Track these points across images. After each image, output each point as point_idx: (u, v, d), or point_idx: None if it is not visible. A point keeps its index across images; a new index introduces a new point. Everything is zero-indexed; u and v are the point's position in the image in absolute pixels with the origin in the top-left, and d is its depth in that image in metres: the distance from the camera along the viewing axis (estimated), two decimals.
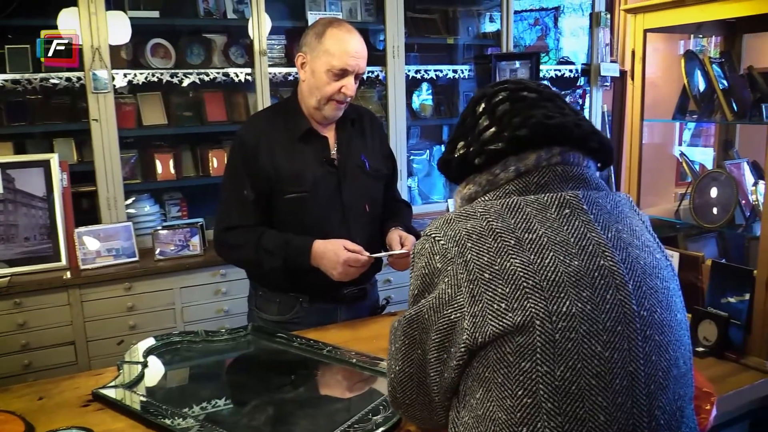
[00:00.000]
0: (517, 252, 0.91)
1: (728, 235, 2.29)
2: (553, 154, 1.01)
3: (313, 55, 1.83)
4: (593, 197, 0.99)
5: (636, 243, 0.97)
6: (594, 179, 1.03)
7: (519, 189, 0.99)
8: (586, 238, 0.93)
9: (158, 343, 1.72)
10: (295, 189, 1.85)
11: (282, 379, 1.59)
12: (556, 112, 1.04)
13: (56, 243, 2.76)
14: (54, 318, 2.64)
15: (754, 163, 2.26)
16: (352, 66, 1.81)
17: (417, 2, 3.77)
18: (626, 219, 1.00)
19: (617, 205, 1.02)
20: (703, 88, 2.24)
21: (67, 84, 2.85)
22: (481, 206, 0.98)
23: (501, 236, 0.93)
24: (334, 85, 1.81)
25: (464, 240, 0.94)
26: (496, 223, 0.94)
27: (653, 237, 1.04)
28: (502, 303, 0.89)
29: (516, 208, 0.95)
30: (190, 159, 3.34)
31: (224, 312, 2.91)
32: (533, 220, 0.94)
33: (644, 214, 1.10)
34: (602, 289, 0.90)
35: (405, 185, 3.59)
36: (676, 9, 2.01)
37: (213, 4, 3.20)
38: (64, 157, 2.88)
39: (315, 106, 1.86)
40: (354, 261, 1.77)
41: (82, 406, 1.41)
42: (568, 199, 0.97)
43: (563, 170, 1.00)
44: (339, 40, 1.80)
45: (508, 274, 0.90)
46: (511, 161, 1.01)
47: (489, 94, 1.09)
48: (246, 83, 3.21)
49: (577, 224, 0.94)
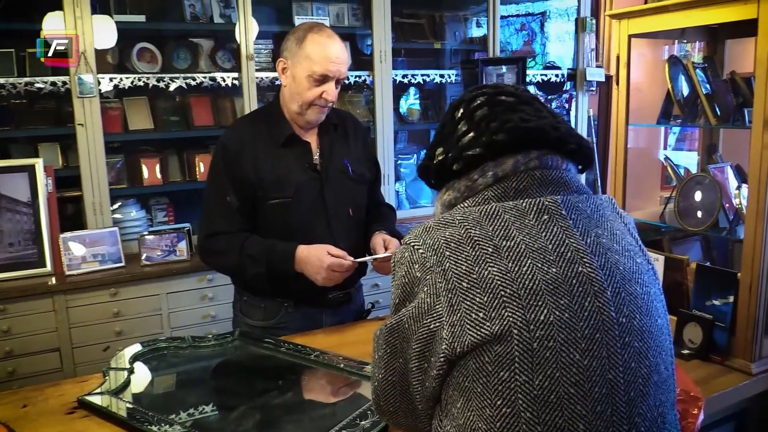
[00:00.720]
0: (494, 260, 0.91)
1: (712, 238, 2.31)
2: (530, 158, 1.00)
3: (294, 61, 1.84)
4: (572, 202, 0.99)
5: (616, 248, 0.97)
6: (574, 182, 1.03)
7: (497, 195, 0.99)
8: (565, 244, 0.93)
9: (145, 349, 1.71)
10: (278, 195, 1.85)
11: (269, 385, 1.58)
12: (534, 115, 1.03)
13: (41, 249, 2.73)
14: (39, 324, 2.61)
15: (738, 167, 2.28)
16: (333, 72, 1.81)
17: (404, 7, 3.79)
18: (607, 223, 1.00)
19: (598, 209, 1.01)
20: (686, 93, 2.26)
21: (53, 88, 2.83)
22: (460, 213, 0.97)
23: (479, 244, 0.92)
24: (315, 90, 1.82)
25: (443, 248, 0.93)
26: (474, 230, 0.94)
27: (635, 240, 1.04)
28: (480, 312, 0.88)
29: (494, 215, 0.95)
30: (176, 164, 3.32)
31: (211, 317, 2.90)
32: (511, 227, 0.94)
33: (628, 215, 1.10)
34: (580, 296, 0.89)
35: (393, 190, 3.60)
36: (660, 15, 2.03)
37: (200, 8, 3.19)
38: (49, 162, 2.86)
39: (297, 111, 1.87)
40: (338, 266, 1.78)
41: (67, 413, 1.40)
42: (547, 205, 0.96)
43: (542, 174, 1.00)
44: (320, 45, 1.81)
45: (486, 282, 0.89)
46: (489, 166, 1.00)
47: (467, 99, 1.09)
48: (233, 88, 3.20)
49: (556, 230, 0.94)
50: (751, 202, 1.73)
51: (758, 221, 1.70)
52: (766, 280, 1.71)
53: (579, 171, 1.09)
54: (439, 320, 0.92)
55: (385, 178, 3.50)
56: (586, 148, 1.07)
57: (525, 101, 1.06)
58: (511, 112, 1.03)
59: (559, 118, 1.08)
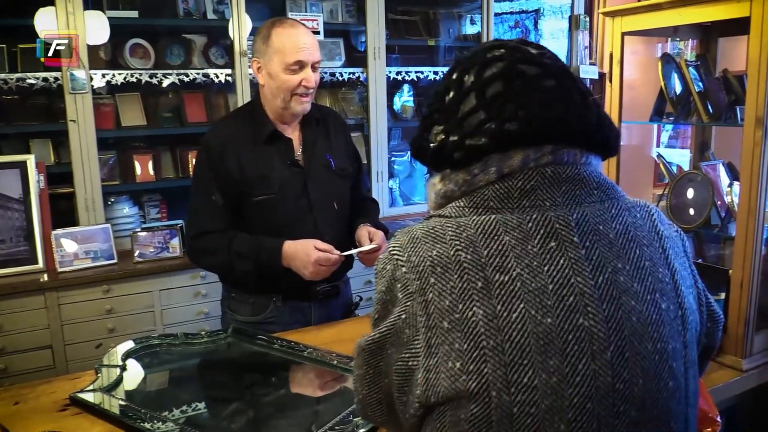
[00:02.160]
0: (482, 298, 0.77)
1: (704, 235, 2.32)
2: (543, 153, 0.84)
3: (265, 59, 1.86)
4: (591, 221, 0.82)
5: (636, 288, 0.80)
6: (593, 178, 0.86)
7: (499, 195, 0.83)
8: (569, 285, 0.78)
9: (137, 346, 1.70)
10: (262, 191, 1.87)
11: (262, 381, 1.58)
12: (558, 97, 0.85)
13: (33, 245, 2.72)
14: (31, 321, 2.60)
15: (730, 164, 2.29)
16: (305, 57, 1.83)
17: (398, 4, 3.78)
18: (634, 250, 0.83)
19: (626, 227, 0.84)
20: (679, 91, 2.27)
21: (44, 84, 2.81)
22: (453, 225, 0.82)
23: (468, 273, 0.78)
24: (293, 78, 1.83)
25: (427, 273, 0.80)
26: (465, 253, 0.79)
27: (672, 271, 0.85)
28: (457, 362, 0.77)
29: (492, 235, 0.80)
30: (169, 160, 3.31)
31: (204, 314, 2.89)
32: (509, 254, 0.79)
33: (672, 228, 0.91)
34: (574, 356, 0.76)
35: (386, 187, 3.60)
36: (653, 12, 2.03)
37: (193, 4, 3.18)
38: (41, 159, 2.84)
39: (281, 105, 1.88)
40: (325, 260, 1.79)
41: (59, 410, 1.40)
42: (557, 229, 0.80)
43: (554, 171, 0.84)
44: (286, 36, 1.83)
45: (469, 326, 0.77)
46: (493, 160, 0.84)
47: (480, 64, 0.88)
48: (226, 84, 3.19)
49: (562, 263, 0.79)
50: (742, 199, 1.74)
51: (750, 218, 1.71)
52: (757, 277, 1.72)
53: (604, 158, 0.93)
54: (416, 358, 0.81)
55: (378, 175, 3.50)
56: (614, 139, 0.91)
57: (551, 74, 0.87)
58: (530, 90, 0.85)
59: (590, 99, 0.89)
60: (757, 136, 1.68)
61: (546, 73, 0.87)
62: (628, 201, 0.89)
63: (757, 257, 1.72)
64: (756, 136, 1.69)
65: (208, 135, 1.95)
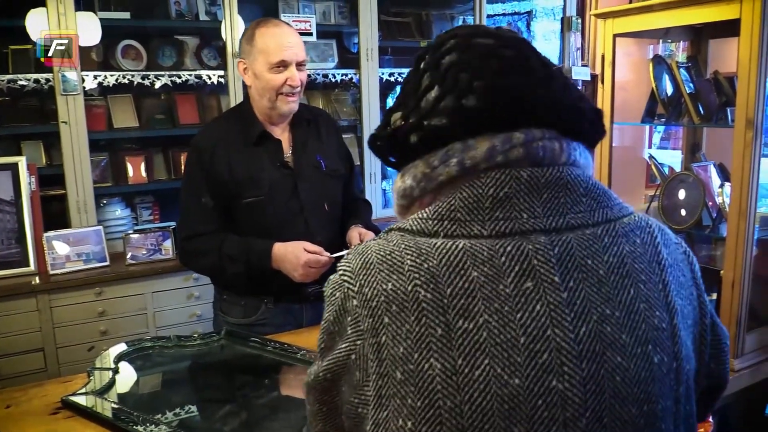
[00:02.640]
0: (441, 348, 0.66)
1: (696, 235, 2.33)
2: (513, 145, 0.71)
3: (250, 59, 1.87)
4: (578, 254, 0.69)
5: (623, 341, 0.68)
6: (580, 183, 0.73)
7: (468, 204, 0.70)
8: (544, 338, 0.66)
9: (130, 349, 1.70)
10: (251, 193, 1.87)
11: (255, 384, 1.58)
12: (518, 64, 0.75)
13: (24, 248, 2.71)
14: (22, 324, 2.59)
15: (721, 165, 2.31)
16: (288, 56, 1.84)
17: (391, 5, 3.79)
18: (628, 290, 0.70)
19: (623, 261, 0.71)
20: (670, 92, 2.28)
21: (36, 86, 2.80)
22: (413, 252, 0.70)
23: (427, 317, 0.67)
24: (278, 78, 1.84)
25: (381, 311, 0.69)
26: (425, 290, 0.67)
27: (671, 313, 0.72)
28: (408, 420, 0.66)
29: (458, 269, 0.68)
30: (161, 162, 3.30)
31: (197, 316, 2.88)
32: (477, 294, 0.67)
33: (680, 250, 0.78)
34: (543, 424, 0.65)
35: (379, 188, 3.60)
36: (644, 14, 2.04)
37: (185, 5, 3.17)
38: (33, 160, 2.82)
39: (268, 105, 1.88)
40: (314, 262, 1.79)
41: (51, 413, 1.39)
42: (535, 266, 0.67)
43: (531, 176, 0.71)
44: (269, 36, 1.84)
45: (425, 381, 0.66)
46: (455, 149, 0.72)
47: (434, 45, 0.81)
48: (219, 85, 3.18)
49: (539, 310, 0.66)
50: (733, 200, 1.76)
51: (740, 219, 1.72)
52: (748, 278, 1.73)
53: (590, 145, 0.79)
54: (365, 407, 0.71)
55: (371, 176, 3.50)
56: (591, 113, 0.78)
57: (508, 45, 0.77)
58: (486, 58, 0.75)
59: (555, 70, 0.78)
60: (748, 138, 1.70)
61: (502, 44, 0.77)
62: (625, 220, 0.74)
63: (748, 257, 1.73)
64: (746, 138, 1.70)
65: (197, 137, 1.95)
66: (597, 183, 0.75)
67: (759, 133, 1.71)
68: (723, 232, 1.95)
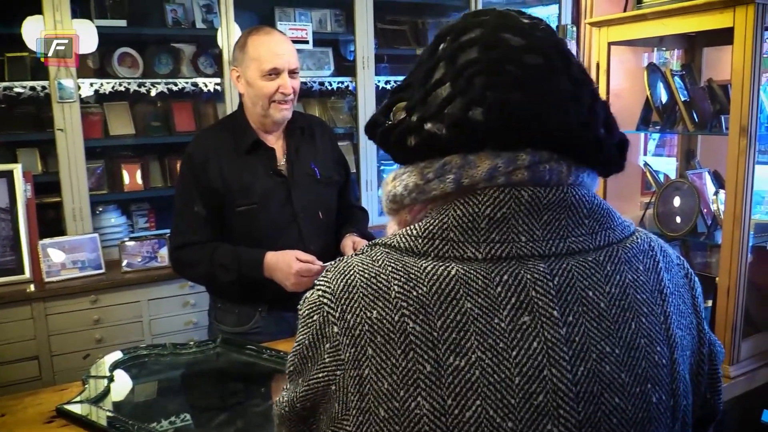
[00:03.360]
0: (430, 387, 0.61)
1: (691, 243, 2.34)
2: (517, 167, 0.65)
3: (243, 67, 1.88)
4: (578, 285, 0.64)
5: (622, 380, 0.63)
6: (584, 203, 0.67)
7: (462, 223, 0.64)
8: (540, 379, 0.61)
9: (125, 357, 1.69)
10: (244, 202, 1.87)
11: (251, 392, 1.57)
12: (541, 77, 0.66)
13: (20, 255, 2.70)
14: (17, 332, 2.57)
15: (715, 172, 2.32)
16: (280, 64, 1.84)
17: (387, 13, 3.80)
18: (629, 324, 0.65)
19: (625, 292, 0.66)
20: (665, 100, 2.29)
21: (32, 93, 2.80)
22: (401, 276, 0.64)
23: (415, 351, 0.61)
24: (270, 85, 1.84)
25: (365, 341, 0.63)
26: (414, 322, 0.62)
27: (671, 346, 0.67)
28: None
29: (450, 299, 0.62)
30: (158, 169, 3.30)
31: (193, 324, 2.88)
32: (470, 328, 0.62)
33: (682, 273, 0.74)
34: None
35: (375, 195, 3.60)
36: (639, 23, 2.05)
37: (181, 13, 3.18)
38: (28, 168, 2.82)
39: (261, 113, 1.89)
40: (306, 271, 1.79)
41: (45, 422, 1.38)
42: (533, 298, 0.63)
43: (533, 196, 0.65)
44: (261, 44, 1.85)
45: (411, 420, 0.61)
46: (452, 165, 0.66)
47: (458, 29, 0.70)
48: (215, 93, 3.19)
49: (536, 347, 0.62)
50: (728, 207, 1.76)
51: (735, 226, 1.73)
52: (743, 285, 1.74)
53: (603, 175, 0.73)
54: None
55: (368, 183, 3.51)
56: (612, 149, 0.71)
57: (536, 47, 0.67)
58: (507, 63, 0.66)
59: (586, 90, 0.69)
60: (742, 145, 1.70)
61: (530, 47, 0.67)
62: (628, 243, 0.69)
63: (743, 264, 1.73)
64: (741, 145, 1.71)
65: (190, 146, 1.95)
66: (601, 202, 0.70)
67: (753, 141, 1.72)
68: (718, 239, 1.96)
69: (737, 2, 1.68)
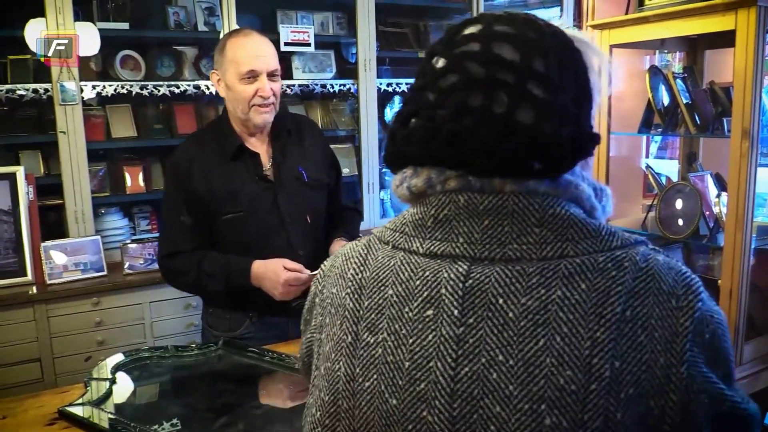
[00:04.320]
0: (348, 355, 0.71)
1: (693, 245, 2.34)
2: (447, 177, 0.70)
3: (222, 70, 1.86)
4: (491, 291, 0.65)
5: (508, 392, 0.62)
6: (534, 212, 0.66)
7: (415, 220, 0.72)
8: (426, 368, 0.65)
9: (127, 359, 1.69)
10: (230, 209, 1.85)
11: (253, 394, 1.57)
12: (446, 102, 0.68)
13: (22, 257, 2.70)
14: (19, 334, 2.58)
15: (717, 175, 2.32)
16: (258, 66, 1.82)
17: (388, 16, 3.80)
18: (537, 339, 0.62)
19: (545, 307, 0.63)
20: (667, 102, 2.29)
21: (34, 95, 2.80)
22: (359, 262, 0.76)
23: (345, 324, 0.73)
24: (248, 89, 1.82)
25: (327, 312, 0.77)
26: (350, 300, 0.73)
27: (611, 369, 0.61)
28: (318, 411, 0.74)
29: (380, 285, 0.71)
30: (159, 172, 3.30)
31: (194, 326, 2.87)
32: (385, 312, 0.70)
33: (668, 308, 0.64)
34: None
35: (377, 198, 3.60)
36: (641, 25, 2.06)
37: (184, 16, 3.18)
38: (31, 170, 2.82)
39: (242, 117, 1.87)
40: (294, 280, 1.77)
41: (47, 424, 1.38)
42: (442, 295, 0.66)
43: (468, 201, 0.68)
44: (239, 46, 1.83)
45: (334, 380, 0.72)
46: (406, 175, 0.74)
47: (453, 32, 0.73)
48: (217, 96, 3.16)
49: (430, 340, 0.66)
50: (730, 209, 1.76)
51: (737, 229, 1.73)
52: (746, 287, 1.74)
53: (549, 174, 0.69)
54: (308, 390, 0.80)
55: (369, 186, 3.51)
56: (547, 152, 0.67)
57: (454, 67, 0.69)
58: (426, 91, 0.71)
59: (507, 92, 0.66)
60: (744, 148, 1.70)
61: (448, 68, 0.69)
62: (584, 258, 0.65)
63: (746, 267, 1.73)
64: (743, 148, 1.71)
65: (175, 155, 1.93)
66: (565, 213, 0.67)
67: (755, 143, 1.72)
68: (720, 242, 1.96)
69: (739, 5, 1.68)
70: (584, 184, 0.71)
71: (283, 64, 3.40)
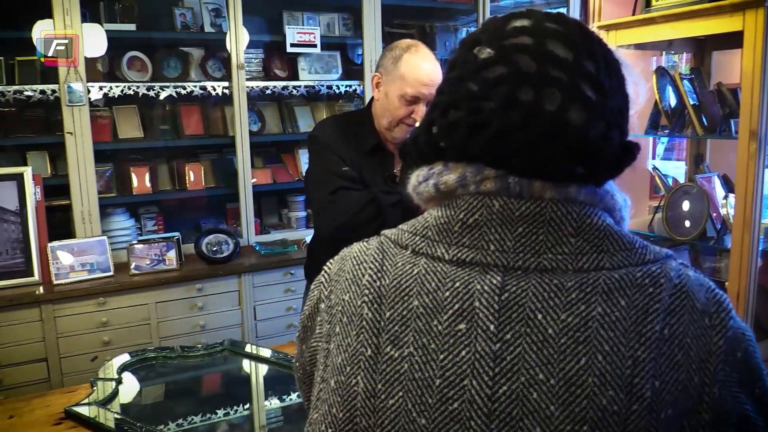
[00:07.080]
0: (367, 369, 0.66)
1: (700, 247, 2.33)
2: (485, 177, 0.65)
3: (387, 78, 1.82)
4: (528, 305, 0.61)
5: (549, 413, 0.59)
6: (570, 221, 0.64)
7: (440, 224, 0.67)
8: (460, 387, 0.61)
9: (133, 359, 1.70)
10: None
11: (258, 394, 1.57)
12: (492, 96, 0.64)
13: (29, 258, 2.71)
14: (26, 334, 2.59)
15: (725, 176, 2.30)
16: (425, 95, 1.79)
17: (394, 17, 3.80)
18: (578, 358, 0.60)
19: (585, 323, 0.60)
20: (674, 104, 2.28)
21: (42, 96, 2.81)
22: (376, 267, 0.70)
23: (364, 335, 0.67)
24: (405, 109, 1.80)
25: (336, 320, 0.71)
26: (369, 309, 0.67)
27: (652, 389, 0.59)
28: (329, 429, 0.67)
29: (403, 295, 0.66)
30: (166, 172, 3.31)
31: (200, 327, 2.88)
32: (411, 324, 0.65)
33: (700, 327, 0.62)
34: None
35: None
36: (648, 26, 2.05)
37: (190, 17, 3.19)
38: (38, 171, 2.84)
39: (386, 126, 1.85)
40: None
41: (53, 424, 1.39)
42: (476, 308, 0.62)
43: (503, 207, 0.64)
44: (414, 67, 1.79)
45: (350, 395, 0.66)
46: (435, 171, 0.69)
47: (498, 24, 0.69)
48: (223, 97, 3.20)
49: (463, 356, 0.62)
50: (738, 211, 1.75)
51: (745, 230, 1.72)
52: (753, 289, 1.73)
53: (597, 184, 0.67)
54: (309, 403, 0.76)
55: None
56: (621, 151, 0.67)
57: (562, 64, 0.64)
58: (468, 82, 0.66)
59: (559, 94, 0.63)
60: (752, 149, 1.70)
61: (550, 64, 0.64)
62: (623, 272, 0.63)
63: (753, 269, 1.72)
64: (750, 149, 1.70)
65: (315, 130, 1.93)
66: (602, 224, 0.64)
67: (763, 145, 1.71)
68: (727, 244, 1.95)
69: (747, 6, 1.68)
70: (618, 194, 0.69)
71: (289, 65, 3.44)
